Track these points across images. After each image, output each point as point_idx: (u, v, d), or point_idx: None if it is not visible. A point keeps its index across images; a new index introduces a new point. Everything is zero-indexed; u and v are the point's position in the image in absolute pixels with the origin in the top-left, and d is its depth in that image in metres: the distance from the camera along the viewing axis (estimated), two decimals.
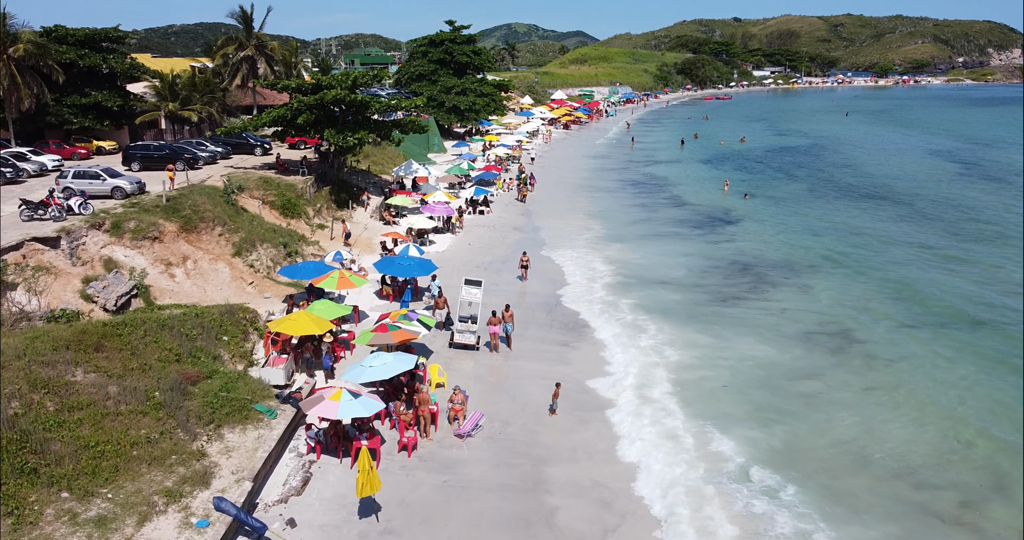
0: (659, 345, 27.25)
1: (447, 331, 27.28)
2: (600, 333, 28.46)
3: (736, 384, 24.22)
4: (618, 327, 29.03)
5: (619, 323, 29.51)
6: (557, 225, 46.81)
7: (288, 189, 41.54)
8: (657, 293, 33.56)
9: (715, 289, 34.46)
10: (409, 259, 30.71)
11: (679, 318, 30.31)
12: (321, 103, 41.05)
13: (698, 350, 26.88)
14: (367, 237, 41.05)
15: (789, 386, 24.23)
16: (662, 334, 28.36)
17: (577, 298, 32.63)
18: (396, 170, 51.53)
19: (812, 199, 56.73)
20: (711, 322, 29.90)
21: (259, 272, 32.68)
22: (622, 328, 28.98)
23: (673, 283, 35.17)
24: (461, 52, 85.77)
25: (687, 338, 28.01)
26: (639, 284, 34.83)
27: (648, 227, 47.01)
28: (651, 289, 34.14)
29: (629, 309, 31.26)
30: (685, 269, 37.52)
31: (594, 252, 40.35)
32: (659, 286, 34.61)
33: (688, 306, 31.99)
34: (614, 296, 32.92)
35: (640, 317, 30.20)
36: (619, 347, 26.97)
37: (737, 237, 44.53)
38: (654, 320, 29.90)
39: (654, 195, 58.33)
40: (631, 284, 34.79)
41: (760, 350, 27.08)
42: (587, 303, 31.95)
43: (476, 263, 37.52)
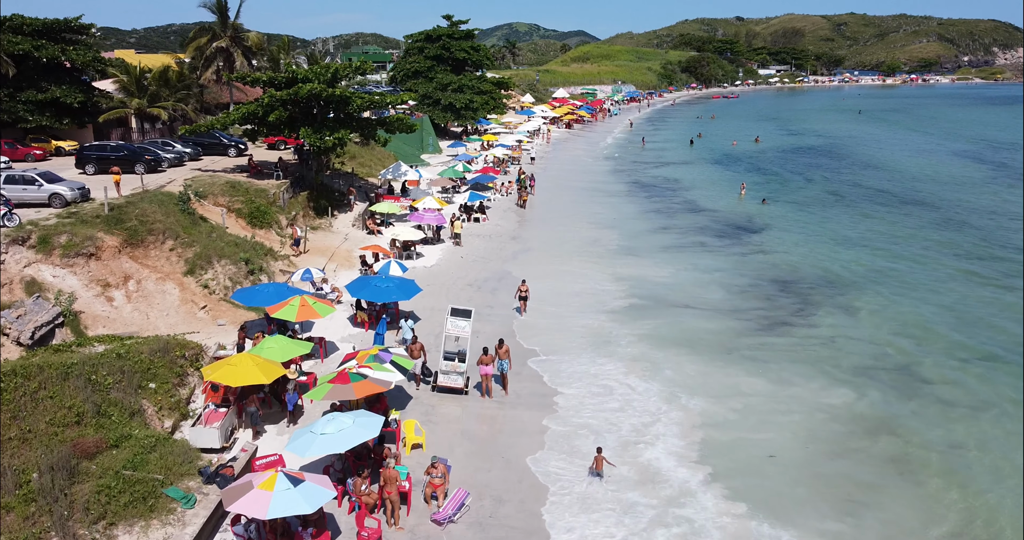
0: (680, 390, 22.45)
1: (425, 384, 22.29)
2: (612, 373, 23.77)
3: (791, 446, 19.47)
4: (642, 369, 24.11)
5: (645, 366, 24.43)
6: (561, 235, 42.10)
7: (258, 195, 36.94)
8: (683, 319, 28.79)
9: (755, 313, 29.76)
10: (388, 280, 26.07)
11: (709, 352, 25.62)
12: (295, 98, 36.44)
13: (736, 400, 22.14)
14: (347, 249, 36.41)
15: (860, 444, 19.51)
16: (685, 375, 23.64)
17: (586, 329, 27.84)
18: (384, 173, 46.91)
19: (837, 204, 52.06)
20: (752, 357, 25.18)
21: (214, 294, 28.04)
22: (644, 371, 24.23)
23: (703, 307, 30.38)
24: (459, 48, 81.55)
25: (719, 382, 23.27)
26: (660, 308, 30.08)
27: (667, 237, 42.26)
28: (675, 314, 29.36)
29: (654, 342, 26.45)
30: (719, 288, 32.78)
31: (606, 268, 35.58)
32: (685, 311, 29.83)
33: (723, 336, 27.27)
34: (635, 324, 28.03)
35: (663, 352, 25.43)
36: (636, 394, 22.27)
37: (765, 248, 39.86)
38: (679, 355, 25.22)
39: (667, 199, 53.66)
40: (650, 308, 30.01)
41: (816, 394, 22.39)
42: (599, 335, 27.19)
43: (469, 280, 32.87)
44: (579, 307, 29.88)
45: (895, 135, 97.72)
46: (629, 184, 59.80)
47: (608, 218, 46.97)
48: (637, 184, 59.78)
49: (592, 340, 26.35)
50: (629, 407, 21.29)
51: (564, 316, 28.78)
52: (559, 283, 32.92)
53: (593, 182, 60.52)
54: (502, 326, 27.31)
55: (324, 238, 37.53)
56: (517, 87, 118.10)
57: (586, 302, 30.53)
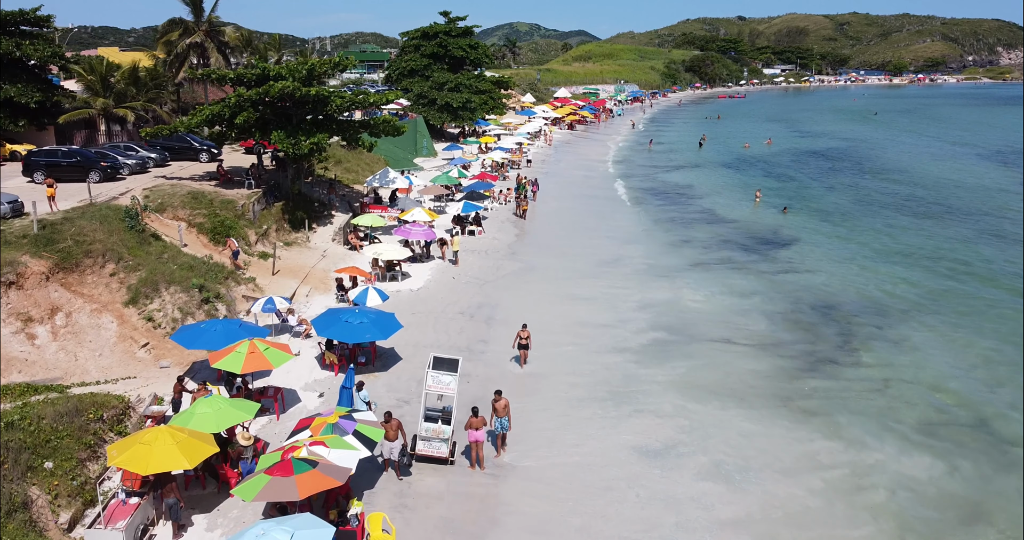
0: (735, 463, 18.06)
1: (404, 475, 17.21)
2: (641, 437, 19.47)
3: None
4: (679, 430, 19.76)
5: (682, 427, 20.01)
6: (569, 250, 37.80)
7: (224, 207, 32.72)
8: (721, 357, 24.52)
9: (798, 347, 25.53)
10: (363, 313, 21.86)
11: (761, 403, 21.32)
12: (266, 98, 32.22)
13: (814, 476, 17.67)
14: (324, 269, 32.19)
15: None
16: (738, 439, 19.26)
17: (603, 374, 23.44)
18: (369, 180, 42.67)
19: (865, 214, 47.80)
20: (813, 410, 20.92)
21: (160, 327, 23.81)
22: (682, 433, 19.95)
23: (743, 340, 26.09)
24: (456, 46, 77.43)
25: (786, 448, 18.80)
26: (693, 342, 25.72)
27: (691, 252, 37.92)
28: (711, 351, 25.06)
29: (691, 390, 22.11)
30: (758, 316, 28.52)
31: (627, 291, 31.28)
32: (723, 346, 25.54)
33: (772, 379, 23.01)
34: (665, 366, 23.66)
35: (705, 405, 21.08)
36: (674, 471, 17.95)
37: (796, 265, 35.65)
38: (725, 408, 20.89)
39: (682, 208, 49.42)
40: (681, 343, 25.61)
41: (895, 462, 18.13)
42: (620, 382, 22.87)
43: (461, 307, 28.60)
44: (594, 344, 25.39)
45: (911, 137, 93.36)
46: (639, 190, 55.53)
47: (621, 230, 42.72)
48: (648, 190, 55.52)
49: (611, 390, 21.85)
50: (666, 494, 16.92)
51: (576, 358, 24.23)
52: (568, 311, 28.58)
53: (600, 188, 56.30)
54: (498, 369, 23.09)
55: (299, 255, 33.32)
56: (517, 86, 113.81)
57: (603, 336, 26.07)
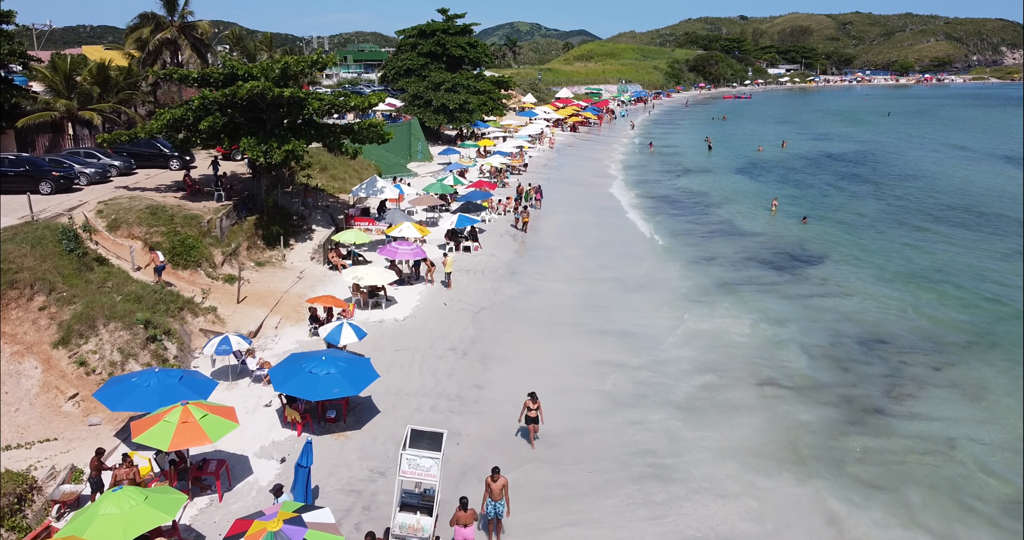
0: None
1: None
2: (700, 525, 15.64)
3: None
4: (737, 515, 15.90)
5: (746, 506, 16.20)
6: (579, 268, 34.05)
7: (187, 223, 29.01)
8: (777, 407, 20.85)
9: (845, 392, 21.85)
10: (330, 361, 18.12)
11: (821, 469, 17.63)
12: (234, 100, 28.48)
13: None
14: (299, 294, 28.46)
15: None
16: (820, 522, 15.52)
17: (640, 443, 19.00)
18: (356, 190, 38.92)
19: (891, 224, 44.06)
20: (876, 484, 17.19)
21: (94, 373, 20.10)
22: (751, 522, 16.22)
23: (789, 383, 22.46)
24: (454, 44, 74.05)
25: None
26: (743, 387, 22.03)
27: (719, 271, 34.19)
28: (764, 399, 21.38)
29: (752, 461, 18.22)
30: (797, 350, 24.87)
31: (659, 318, 27.63)
32: (772, 391, 21.87)
33: (824, 435, 19.38)
34: (719, 427, 19.77)
35: (770, 479, 17.31)
36: None
37: (827, 286, 31.95)
38: (797, 479, 17.19)
39: (699, 218, 45.69)
40: (730, 387, 21.95)
41: None
42: (663, 454, 18.81)
43: (451, 342, 24.83)
44: (623, 394, 21.37)
45: (929, 140, 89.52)
46: (651, 198, 51.77)
47: (637, 244, 39.11)
48: (660, 198, 51.74)
49: (654, 464, 17.72)
50: None
51: (600, 416, 20.02)
52: (585, 348, 24.62)
53: (608, 195, 52.50)
54: (493, 424, 19.35)
55: (271, 277, 29.59)
56: (518, 87, 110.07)
57: (634, 383, 22.07)
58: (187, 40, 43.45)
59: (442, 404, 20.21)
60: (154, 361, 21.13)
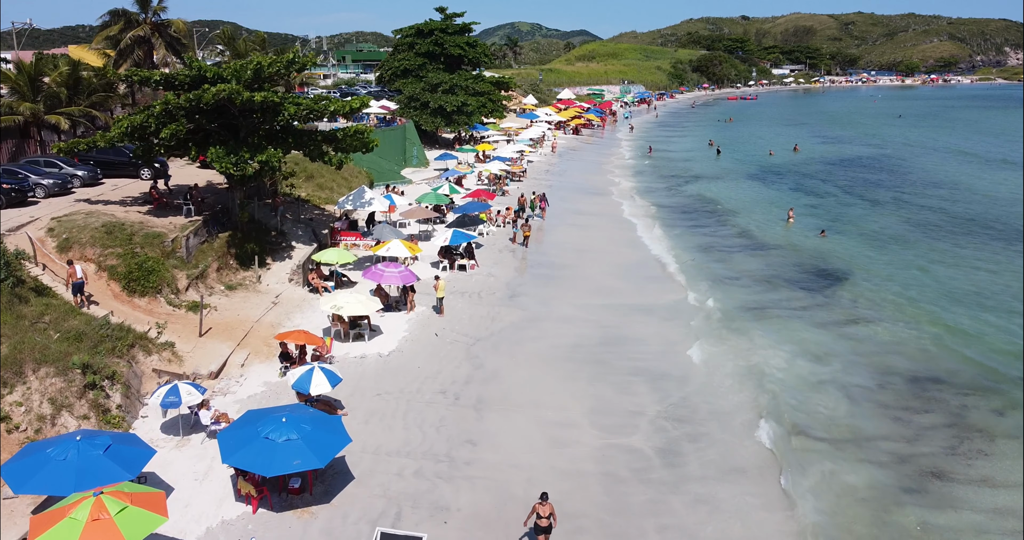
0: None
1: None
2: None
3: None
4: None
5: None
6: (588, 290, 30.89)
7: (148, 242, 25.94)
8: (838, 470, 17.74)
9: (890, 448, 18.79)
10: (292, 424, 15.05)
11: None
12: (199, 106, 25.39)
13: None
14: (272, 323, 25.38)
15: None
16: None
17: (683, 512, 16.51)
18: (342, 201, 35.82)
19: (920, 239, 40.91)
20: None
21: (18, 430, 17.05)
22: None
23: (838, 435, 19.41)
24: (453, 44, 71.13)
25: None
26: (829, 451, 18.77)
27: (742, 294, 30.99)
28: (825, 460, 18.18)
29: None
30: (836, 393, 21.81)
31: (686, 348, 24.66)
32: (823, 446, 18.81)
33: (868, 506, 16.28)
34: (785, 504, 16.71)
35: None
36: None
37: (864, 311, 28.91)
38: None
39: (715, 230, 42.58)
40: (789, 451, 18.86)
41: None
42: None
43: (442, 383, 21.70)
44: (649, 459, 18.21)
45: (946, 143, 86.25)
46: (662, 208, 48.60)
47: (653, 260, 35.87)
48: (672, 208, 48.55)
49: None
50: None
51: (623, 497, 16.64)
52: (601, 392, 21.40)
53: (617, 205, 49.29)
54: (489, 495, 16.27)
55: (243, 303, 26.50)
56: (519, 87, 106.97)
57: (668, 439, 18.83)
58: (161, 38, 40.41)
59: (428, 467, 17.14)
60: (93, 413, 18.08)
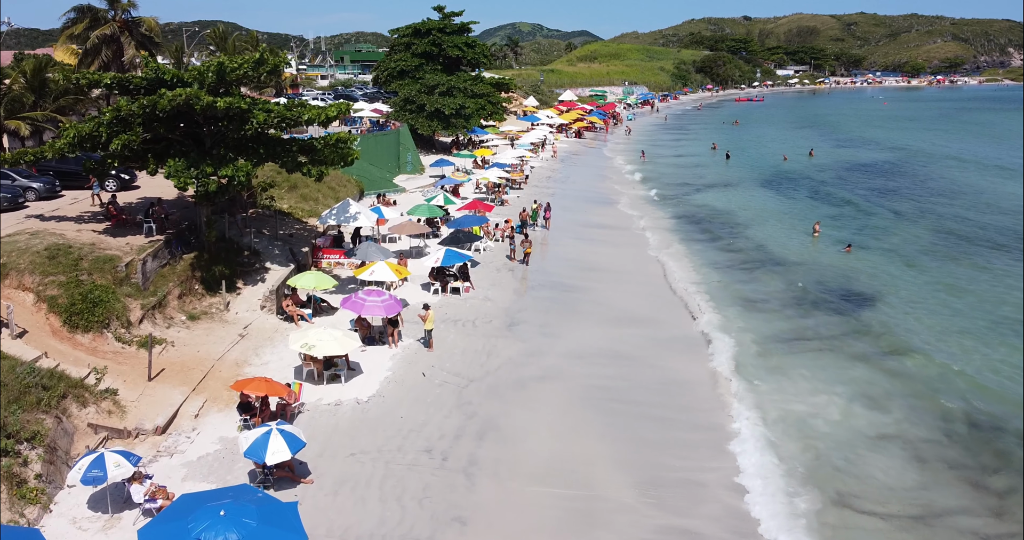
0: None
1: None
2: None
3: None
4: None
5: None
6: (594, 317, 27.65)
7: (98, 267, 22.84)
8: None
9: (968, 523, 15.69)
10: (231, 518, 11.86)
11: None
12: (154, 112, 22.27)
13: None
14: (238, 360, 22.24)
15: None
16: None
17: None
18: (325, 216, 32.67)
19: (951, 252, 37.80)
20: None
21: None
22: None
23: (893, 509, 16.15)
24: (451, 44, 68.18)
25: None
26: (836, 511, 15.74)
27: (773, 319, 27.89)
28: None
29: None
30: (893, 450, 18.65)
31: (708, 390, 21.51)
32: (878, 526, 15.63)
33: None
34: None
35: None
36: None
37: (901, 340, 25.82)
38: None
39: (732, 244, 39.31)
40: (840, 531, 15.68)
41: None
42: None
43: (428, 438, 18.46)
44: None
45: (961, 149, 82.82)
46: (673, 219, 45.33)
47: (670, 279, 32.72)
48: (683, 218, 45.27)
49: None
50: None
51: None
52: (622, 453, 18.17)
53: (625, 216, 45.93)
54: None
55: (206, 336, 23.37)
56: (519, 89, 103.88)
57: (702, 513, 15.90)
58: (131, 37, 37.34)
59: None
60: (4, 485, 14.98)
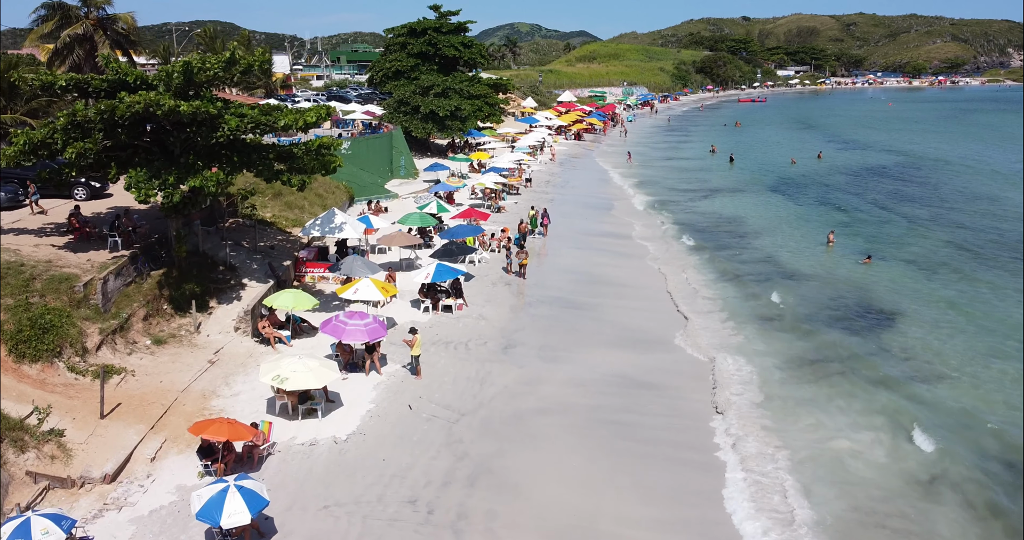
0: None
1: None
2: None
3: None
4: None
5: None
6: (598, 337, 25.49)
7: (52, 288, 20.71)
8: None
9: None
10: None
11: None
12: (112, 118, 20.16)
13: None
14: (205, 391, 20.10)
15: None
16: None
17: None
18: (308, 227, 30.51)
19: (971, 263, 35.63)
20: None
21: None
22: None
23: None
24: (447, 44, 66.37)
25: None
26: None
27: (791, 339, 25.63)
28: None
29: None
30: (950, 498, 16.48)
31: (731, 425, 19.32)
32: None
33: None
34: None
35: None
36: None
37: (930, 365, 23.58)
38: None
39: (741, 256, 37.01)
40: None
41: None
42: None
43: (412, 486, 16.30)
44: None
45: (970, 151, 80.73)
46: (678, 226, 43.08)
47: (678, 293, 30.50)
48: (688, 227, 42.94)
49: None
50: None
51: None
52: (633, 507, 16.06)
53: (627, 224, 43.63)
54: None
55: (171, 363, 21.22)
56: (517, 90, 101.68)
57: None
58: (105, 36, 35.22)
59: None
60: None
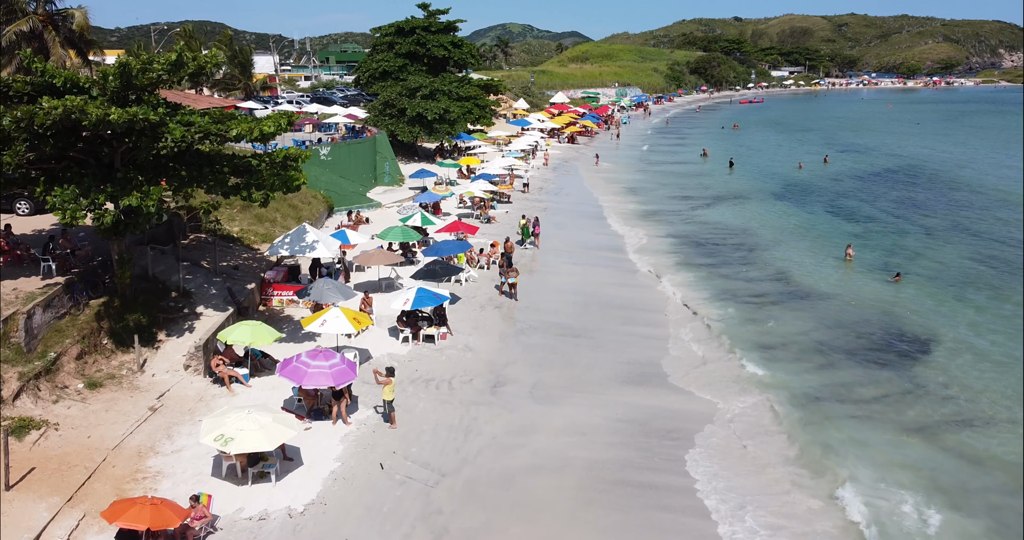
0: None
1: None
2: None
3: None
4: None
5: None
6: (597, 371, 22.68)
7: None
8: None
9: None
10: None
11: None
12: (31, 127, 17.20)
13: None
14: (139, 449, 17.12)
15: None
16: None
17: None
18: (276, 245, 27.45)
19: (999, 279, 33.02)
20: None
21: None
22: None
23: None
24: (436, 43, 63.85)
25: None
26: None
27: (804, 372, 22.90)
28: None
29: None
30: None
31: (752, 492, 16.45)
32: None
33: None
34: None
35: None
36: None
37: (966, 406, 20.71)
38: None
39: (747, 272, 34.13)
40: None
41: None
42: None
43: None
44: None
45: (977, 153, 78.34)
46: (677, 238, 40.26)
47: (680, 315, 27.71)
48: (689, 239, 40.05)
49: None
50: None
51: None
52: None
53: (623, 235, 40.76)
54: None
55: (104, 412, 18.19)
56: (509, 90, 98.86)
57: None
58: (57, 34, 32.14)
59: None
60: None
